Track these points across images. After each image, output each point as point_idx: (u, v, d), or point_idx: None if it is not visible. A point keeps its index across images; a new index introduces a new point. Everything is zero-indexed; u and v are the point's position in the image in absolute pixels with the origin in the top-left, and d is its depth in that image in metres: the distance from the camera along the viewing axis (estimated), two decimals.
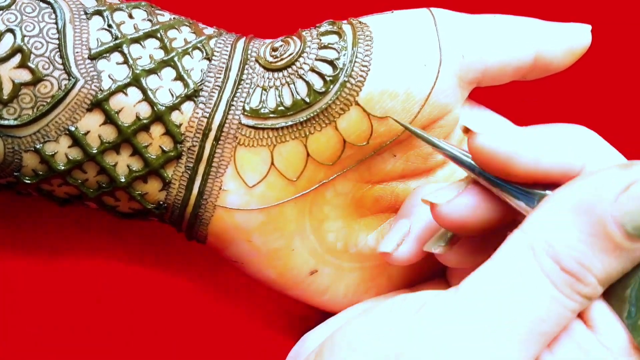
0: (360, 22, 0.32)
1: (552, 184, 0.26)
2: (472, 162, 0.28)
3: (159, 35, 0.31)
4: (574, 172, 0.26)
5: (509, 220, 0.28)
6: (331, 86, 0.31)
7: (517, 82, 0.34)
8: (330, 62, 0.31)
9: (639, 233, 0.23)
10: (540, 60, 0.33)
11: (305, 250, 0.33)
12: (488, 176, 0.27)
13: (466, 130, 0.27)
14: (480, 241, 0.29)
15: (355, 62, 0.31)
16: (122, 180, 0.31)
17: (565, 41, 0.33)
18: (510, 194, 0.27)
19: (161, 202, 0.32)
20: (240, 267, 0.34)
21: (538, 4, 0.41)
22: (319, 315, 0.38)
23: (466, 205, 0.28)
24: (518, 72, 0.33)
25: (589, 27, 0.33)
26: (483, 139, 0.26)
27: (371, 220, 0.34)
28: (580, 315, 0.25)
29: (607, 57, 0.41)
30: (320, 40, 0.31)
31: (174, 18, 0.32)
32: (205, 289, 0.39)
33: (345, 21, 0.32)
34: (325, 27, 0.32)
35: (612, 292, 0.25)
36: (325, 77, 0.31)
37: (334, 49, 0.31)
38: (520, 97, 0.40)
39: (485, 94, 0.35)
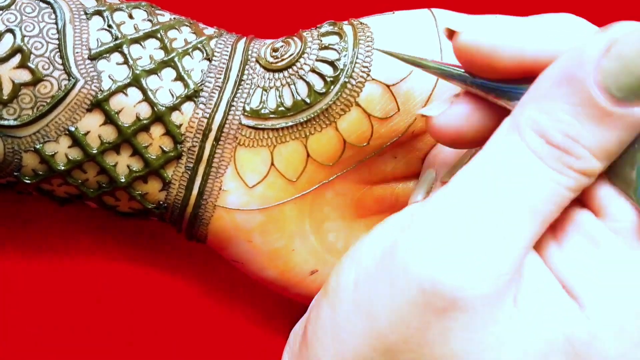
0: (361, 23, 0.32)
1: None
2: (462, 74, 0.27)
3: (159, 35, 0.31)
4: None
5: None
6: (332, 87, 0.31)
7: None
8: (331, 63, 0.31)
9: (625, 95, 0.22)
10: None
11: (306, 250, 0.33)
12: (480, 82, 0.26)
13: (449, 33, 0.26)
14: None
15: (356, 62, 0.31)
16: (122, 180, 0.31)
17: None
18: (504, 96, 0.26)
19: (161, 202, 0.32)
20: (241, 267, 0.34)
21: (540, 4, 0.41)
22: None
23: (460, 114, 0.26)
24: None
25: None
26: (466, 36, 0.25)
27: (372, 220, 0.34)
28: (589, 205, 0.24)
29: None
30: (321, 41, 0.31)
31: (174, 18, 0.32)
32: (205, 289, 0.39)
33: (346, 22, 0.32)
34: (326, 27, 0.32)
35: (620, 174, 0.23)
36: (326, 77, 0.31)
37: (335, 49, 0.31)
38: None
39: None
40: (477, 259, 0.23)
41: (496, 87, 0.26)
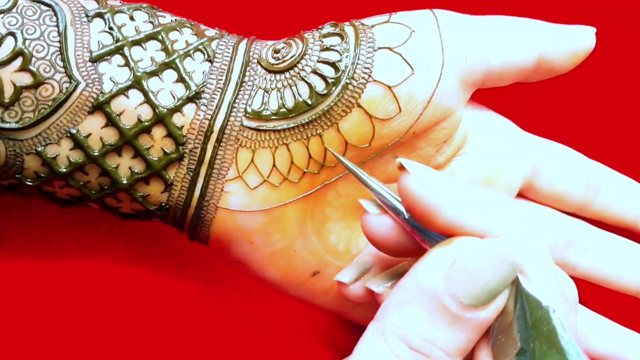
0: (362, 24, 0.32)
1: None
2: (399, 210, 0.28)
3: (160, 37, 0.31)
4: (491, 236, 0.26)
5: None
6: (333, 88, 0.31)
7: (520, 84, 0.34)
8: (332, 64, 0.31)
9: (472, 302, 0.25)
10: (543, 63, 0.33)
11: (307, 252, 0.33)
12: (413, 223, 0.27)
13: (400, 167, 0.27)
14: None
15: (357, 64, 0.31)
16: (124, 182, 0.31)
17: (569, 43, 0.33)
18: (430, 241, 0.27)
19: (163, 204, 0.32)
20: (243, 268, 0.34)
21: (541, 5, 0.41)
22: (322, 315, 0.38)
23: (390, 224, 0.28)
24: (521, 74, 0.33)
25: (593, 30, 0.33)
26: (413, 182, 0.26)
27: None
28: None
29: (610, 57, 0.41)
30: (323, 42, 0.31)
31: (175, 20, 0.32)
32: (206, 289, 0.39)
33: (347, 23, 0.32)
34: (327, 28, 0.32)
35: None
36: (327, 79, 0.31)
37: (336, 50, 0.31)
38: (523, 98, 0.40)
39: (488, 95, 0.35)
40: None
41: (424, 233, 0.27)
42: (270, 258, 0.33)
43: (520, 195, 0.37)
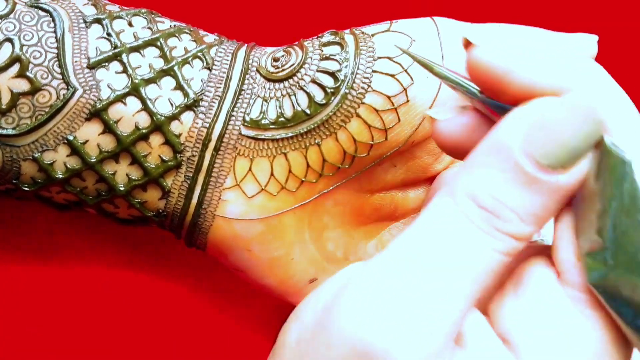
0: (362, 32, 0.32)
1: None
2: (471, 89, 0.26)
3: (158, 43, 0.31)
4: (568, 89, 0.24)
5: None
6: (332, 98, 0.30)
7: None
8: (332, 74, 0.31)
9: (549, 162, 0.23)
10: None
11: (305, 259, 0.33)
12: (489, 101, 0.26)
13: (466, 43, 0.25)
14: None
15: (357, 73, 0.31)
16: (122, 188, 0.31)
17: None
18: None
19: (160, 210, 0.32)
20: (241, 275, 0.34)
21: (544, 13, 0.40)
22: None
23: (465, 125, 0.27)
24: None
25: (595, 38, 0.33)
26: (480, 52, 0.25)
27: (370, 228, 0.34)
28: (555, 264, 0.24)
29: (612, 62, 0.41)
30: (322, 51, 0.31)
31: (174, 26, 0.32)
32: (204, 294, 0.39)
33: (347, 31, 0.32)
34: (327, 37, 0.32)
35: (582, 241, 0.23)
36: (327, 89, 0.31)
37: (336, 60, 0.31)
38: None
39: None
40: (411, 323, 0.23)
41: (502, 107, 0.25)
42: (268, 266, 0.33)
43: None
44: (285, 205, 0.32)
